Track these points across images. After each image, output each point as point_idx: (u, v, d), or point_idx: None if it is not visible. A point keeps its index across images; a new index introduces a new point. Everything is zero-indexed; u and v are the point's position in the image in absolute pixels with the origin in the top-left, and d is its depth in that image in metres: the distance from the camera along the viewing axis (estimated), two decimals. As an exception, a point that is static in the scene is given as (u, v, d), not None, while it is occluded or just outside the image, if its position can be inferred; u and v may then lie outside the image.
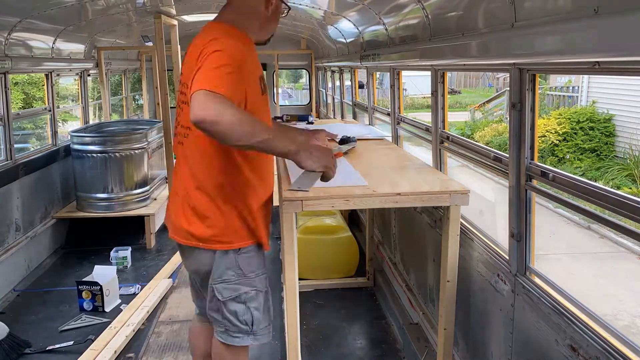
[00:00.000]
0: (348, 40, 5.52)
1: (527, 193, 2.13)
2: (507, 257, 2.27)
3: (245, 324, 2.22)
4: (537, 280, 2.09)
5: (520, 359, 2.17)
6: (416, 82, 20.18)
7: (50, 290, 4.48)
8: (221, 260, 2.15)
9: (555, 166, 9.20)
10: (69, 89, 10.46)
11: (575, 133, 12.26)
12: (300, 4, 5.05)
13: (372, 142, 3.83)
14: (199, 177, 2.11)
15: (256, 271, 2.21)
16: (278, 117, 4.35)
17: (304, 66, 9.87)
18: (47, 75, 5.45)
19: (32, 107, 11.10)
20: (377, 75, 6.20)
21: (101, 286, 4.03)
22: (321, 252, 4.51)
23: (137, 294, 4.28)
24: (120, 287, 4.34)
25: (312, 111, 9.63)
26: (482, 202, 7.21)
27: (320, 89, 9.54)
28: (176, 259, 5.02)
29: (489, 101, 19.19)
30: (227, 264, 2.15)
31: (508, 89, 2.56)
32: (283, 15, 2.38)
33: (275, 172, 2.92)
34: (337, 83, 7.42)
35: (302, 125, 4.16)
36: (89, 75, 6.54)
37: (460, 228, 2.46)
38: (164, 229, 5.96)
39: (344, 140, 3.44)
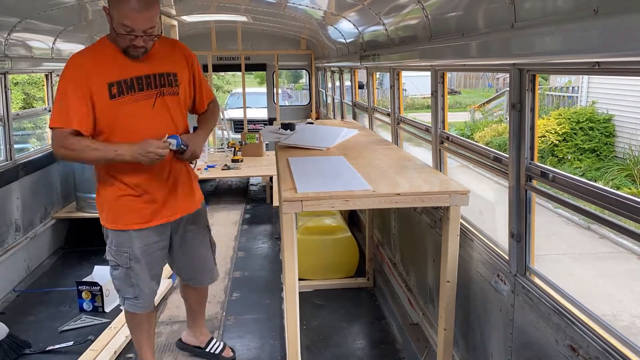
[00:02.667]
0: (348, 41, 5.52)
1: (527, 193, 2.13)
2: (507, 258, 2.27)
3: (115, 287, 2.85)
4: (537, 280, 2.09)
5: (520, 359, 2.17)
6: (416, 83, 20.19)
7: (50, 291, 4.48)
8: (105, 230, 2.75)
9: (555, 166, 9.21)
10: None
11: (575, 133, 12.26)
12: (300, 4, 5.05)
13: (372, 142, 3.83)
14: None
15: (116, 248, 2.71)
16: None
17: (304, 66, 9.88)
18: (47, 76, 5.45)
19: (33, 107, 11.09)
20: (377, 76, 6.20)
21: (101, 286, 4.03)
22: (321, 252, 4.51)
23: (137, 294, 4.28)
24: (120, 288, 4.34)
25: (312, 111, 9.63)
26: (482, 202, 7.21)
27: (320, 89, 9.55)
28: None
29: (488, 101, 19.19)
30: (105, 233, 2.75)
31: (508, 89, 2.56)
32: (133, 42, 2.41)
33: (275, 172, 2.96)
34: (337, 83, 7.42)
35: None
36: (88, 75, 6.53)
37: (460, 228, 2.46)
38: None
39: (286, 126, 3.85)
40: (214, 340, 3.38)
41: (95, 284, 4.04)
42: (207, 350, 3.34)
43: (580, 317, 1.78)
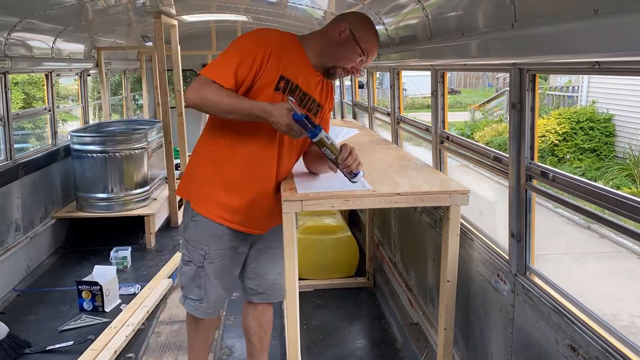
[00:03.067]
0: (348, 40, 5.50)
1: (527, 193, 2.13)
2: (507, 257, 2.27)
3: (180, 281, 2.56)
4: (537, 280, 2.09)
5: (520, 359, 2.17)
6: (416, 82, 20.18)
7: (50, 290, 4.48)
8: (185, 210, 2.51)
9: (555, 166, 9.20)
10: (69, 89, 10.46)
11: (575, 133, 12.26)
12: (300, 4, 5.05)
13: (372, 141, 3.83)
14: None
15: (192, 243, 2.44)
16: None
17: (304, 66, 9.85)
18: (47, 75, 5.45)
19: (33, 107, 11.10)
20: (377, 75, 6.20)
21: (101, 286, 4.03)
22: (321, 252, 4.51)
23: (137, 294, 4.28)
24: (120, 287, 4.34)
25: None
26: (482, 202, 7.21)
27: (320, 89, 9.52)
28: (176, 259, 5.02)
29: (488, 101, 19.20)
30: (185, 223, 2.49)
31: (508, 89, 2.56)
32: (350, 66, 2.29)
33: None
34: (337, 83, 7.42)
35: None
36: (89, 75, 6.54)
37: (460, 228, 2.46)
38: (163, 228, 5.98)
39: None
40: None
41: (95, 283, 4.04)
42: None
43: (580, 316, 1.78)
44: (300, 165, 2.87)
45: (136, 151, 5.60)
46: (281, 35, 2.30)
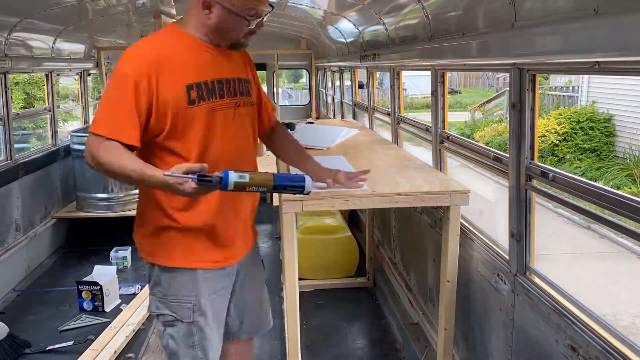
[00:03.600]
0: (348, 40, 5.52)
1: (527, 193, 2.12)
2: (507, 257, 2.27)
3: (164, 348, 2.06)
4: (537, 280, 2.09)
5: (520, 359, 2.17)
6: (416, 82, 20.18)
7: (50, 290, 4.48)
8: (150, 270, 2.03)
9: (555, 166, 9.20)
10: (69, 88, 10.45)
11: (575, 133, 12.26)
12: (300, 4, 5.05)
13: (372, 141, 3.83)
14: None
15: (173, 298, 1.97)
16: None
17: (304, 66, 9.87)
18: (47, 75, 5.46)
19: (33, 106, 11.10)
20: (377, 75, 6.20)
21: (101, 286, 4.03)
22: (321, 252, 4.50)
23: (137, 294, 4.28)
24: (120, 287, 4.34)
25: (312, 111, 9.62)
26: (482, 201, 7.21)
27: (320, 89, 9.54)
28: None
29: (489, 101, 19.19)
30: (155, 278, 2.01)
31: (508, 89, 2.56)
32: (250, 29, 1.91)
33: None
34: (337, 83, 7.42)
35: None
36: (89, 75, 6.54)
37: (460, 228, 2.46)
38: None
39: (287, 126, 3.75)
40: None
41: (95, 283, 4.04)
42: None
43: (580, 316, 1.78)
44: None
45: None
46: (154, 43, 1.93)
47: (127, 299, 4.21)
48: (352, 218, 5.67)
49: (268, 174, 1.78)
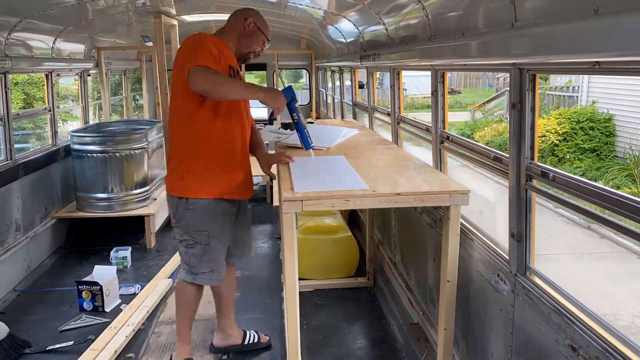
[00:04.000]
0: (348, 40, 5.52)
1: (527, 193, 2.12)
2: (507, 257, 2.27)
3: (186, 264, 2.96)
4: (537, 280, 2.09)
5: (520, 359, 2.17)
6: (416, 82, 20.18)
7: (50, 290, 4.49)
8: (177, 205, 2.91)
9: (555, 166, 9.19)
10: (69, 89, 10.46)
11: (575, 133, 12.26)
12: (300, 4, 5.05)
13: (372, 142, 3.83)
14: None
15: (194, 227, 2.86)
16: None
17: (304, 66, 9.87)
18: (47, 75, 5.46)
19: (33, 107, 11.10)
20: (377, 75, 6.20)
21: (101, 286, 4.03)
22: (321, 252, 4.50)
23: (137, 294, 4.28)
24: (120, 287, 4.34)
25: (312, 111, 9.63)
26: (482, 202, 7.20)
27: (320, 88, 9.54)
28: (176, 259, 5.02)
29: (489, 101, 19.19)
30: (179, 213, 2.90)
31: (508, 89, 2.56)
32: (259, 49, 2.99)
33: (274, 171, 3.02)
34: (337, 83, 7.42)
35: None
36: (89, 75, 6.55)
37: (460, 228, 2.46)
38: (163, 228, 5.98)
39: (286, 126, 4.02)
40: (248, 333, 3.49)
41: (95, 283, 4.04)
42: (246, 344, 3.44)
43: (580, 316, 1.78)
44: (299, 165, 2.88)
45: (136, 151, 5.60)
46: (214, 39, 2.85)
47: (127, 299, 4.22)
48: (352, 218, 5.67)
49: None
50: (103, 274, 4.21)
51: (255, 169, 3.14)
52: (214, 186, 2.85)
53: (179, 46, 6.84)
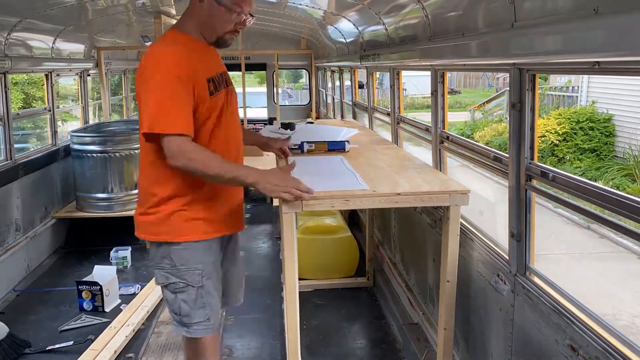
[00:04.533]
0: (348, 40, 5.52)
1: (527, 193, 2.12)
2: (507, 257, 2.27)
3: (176, 314, 2.34)
4: (537, 280, 2.09)
5: (520, 359, 2.17)
6: (416, 82, 20.18)
7: (50, 290, 4.48)
8: (158, 249, 2.29)
9: (555, 166, 9.19)
10: (69, 89, 10.45)
11: (575, 133, 12.26)
12: (300, 4, 5.05)
13: (372, 141, 3.83)
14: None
15: (183, 268, 2.26)
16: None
17: (304, 66, 9.87)
18: (47, 75, 5.45)
19: (32, 107, 11.09)
20: (377, 75, 6.20)
21: (101, 286, 4.03)
22: (321, 252, 4.50)
23: (137, 294, 4.28)
24: (120, 287, 4.34)
25: (312, 111, 9.62)
26: (482, 202, 7.20)
27: (320, 89, 9.54)
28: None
29: (488, 101, 19.19)
30: (162, 253, 2.28)
31: (508, 89, 2.56)
32: (235, 26, 2.22)
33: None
34: (337, 83, 7.42)
35: (267, 130, 4.10)
36: (88, 75, 6.54)
37: (460, 228, 2.46)
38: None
39: (286, 126, 3.85)
40: None
41: (95, 283, 4.04)
42: None
43: (580, 316, 1.78)
44: (299, 165, 2.88)
45: (136, 151, 5.59)
46: (175, 47, 2.17)
47: (127, 299, 4.22)
48: (352, 218, 5.67)
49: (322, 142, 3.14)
50: (103, 274, 4.21)
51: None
52: (210, 223, 2.30)
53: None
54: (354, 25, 4.73)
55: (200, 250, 2.28)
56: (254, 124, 10.20)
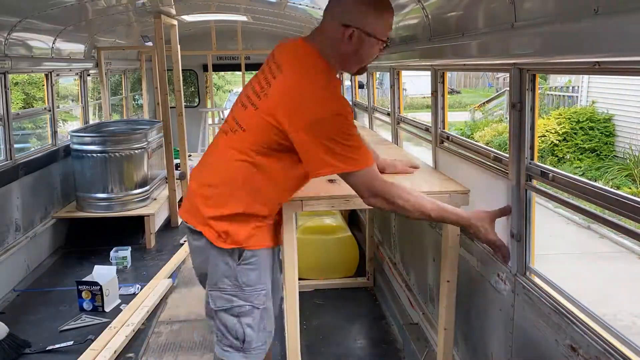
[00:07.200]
0: (348, 40, 5.51)
1: (527, 193, 2.12)
2: (507, 257, 2.26)
3: (236, 338, 2.13)
4: (537, 280, 2.09)
5: (520, 359, 2.17)
6: (416, 82, 20.18)
7: (50, 290, 4.48)
8: (223, 261, 2.08)
9: (555, 166, 9.20)
10: (69, 89, 10.46)
11: (575, 133, 12.26)
12: (300, 4, 5.05)
13: (372, 141, 3.83)
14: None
15: (249, 289, 2.09)
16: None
17: (304, 66, 9.86)
18: (47, 75, 5.45)
19: (33, 107, 11.09)
20: (377, 75, 6.20)
21: (101, 286, 4.03)
22: (321, 252, 4.50)
23: (137, 294, 4.28)
24: (120, 287, 4.34)
25: None
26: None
27: (320, 89, 9.53)
28: (176, 259, 5.02)
29: (488, 101, 19.20)
30: (224, 272, 2.08)
31: (508, 89, 2.56)
32: (379, 53, 2.02)
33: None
34: (337, 83, 7.40)
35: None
36: (88, 75, 6.54)
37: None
38: (163, 228, 5.98)
39: None
40: None
41: (95, 283, 4.04)
42: None
43: (580, 316, 1.78)
44: None
45: (136, 151, 5.60)
46: (331, 77, 2.01)
47: (127, 299, 4.22)
48: (352, 218, 5.67)
49: None
50: (103, 274, 4.20)
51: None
52: (277, 232, 2.21)
53: (178, 46, 6.80)
54: (354, 25, 4.72)
55: (265, 265, 2.13)
56: None
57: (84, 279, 4.15)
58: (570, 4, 1.58)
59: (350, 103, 6.45)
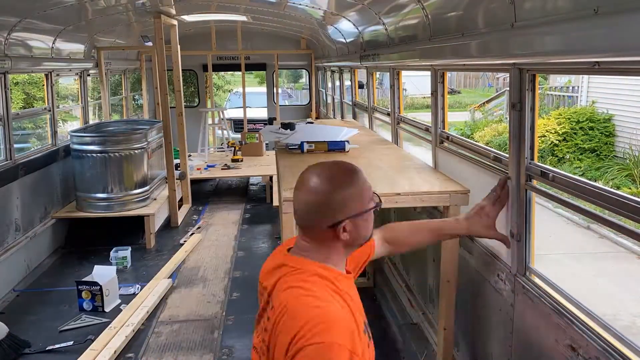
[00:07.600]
0: (348, 40, 5.52)
1: (527, 193, 2.12)
2: (507, 257, 2.26)
3: None
4: (537, 280, 2.09)
5: (520, 358, 2.16)
6: (416, 82, 20.18)
7: (50, 290, 4.48)
8: None
9: (555, 166, 9.20)
10: (69, 89, 10.46)
11: (575, 133, 12.26)
12: (300, 4, 5.05)
13: (372, 142, 3.83)
14: None
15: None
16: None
17: (304, 66, 9.88)
18: (47, 75, 5.45)
19: (33, 107, 11.09)
20: (377, 75, 6.20)
21: (101, 286, 4.03)
22: (321, 252, 4.49)
23: (137, 294, 4.28)
24: (120, 287, 4.34)
25: (312, 111, 9.63)
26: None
27: (320, 89, 9.54)
28: (176, 259, 5.02)
29: (488, 101, 19.19)
30: None
31: (508, 89, 2.56)
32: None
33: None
34: (337, 83, 7.42)
35: None
36: (88, 75, 6.54)
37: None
38: (163, 228, 5.98)
39: (286, 126, 3.88)
40: None
41: (95, 283, 4.04)
42: None
43: (580, 316, 1.78)
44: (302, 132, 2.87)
45: (136, 151, 5.60)
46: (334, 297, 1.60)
47: (126, 299, 4.21)
48: (352, 218, 5.66)
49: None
50: (103, 274, 4.20)
51: (259, 170, 3.00)
52: None
53: (178, 46, 6.80)
54: (353, 25, 4.73)
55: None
56: (254, 124, 10.21)
57: (83, 279, 4.14)
58: (570, 4, 1.58)
59: (350, 103, 6.45)
